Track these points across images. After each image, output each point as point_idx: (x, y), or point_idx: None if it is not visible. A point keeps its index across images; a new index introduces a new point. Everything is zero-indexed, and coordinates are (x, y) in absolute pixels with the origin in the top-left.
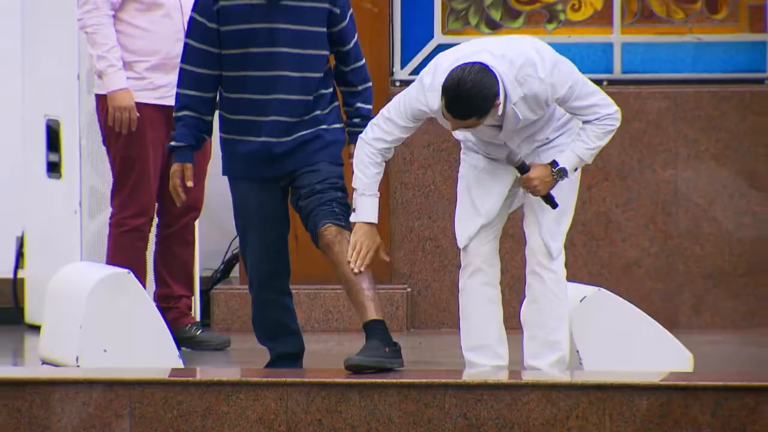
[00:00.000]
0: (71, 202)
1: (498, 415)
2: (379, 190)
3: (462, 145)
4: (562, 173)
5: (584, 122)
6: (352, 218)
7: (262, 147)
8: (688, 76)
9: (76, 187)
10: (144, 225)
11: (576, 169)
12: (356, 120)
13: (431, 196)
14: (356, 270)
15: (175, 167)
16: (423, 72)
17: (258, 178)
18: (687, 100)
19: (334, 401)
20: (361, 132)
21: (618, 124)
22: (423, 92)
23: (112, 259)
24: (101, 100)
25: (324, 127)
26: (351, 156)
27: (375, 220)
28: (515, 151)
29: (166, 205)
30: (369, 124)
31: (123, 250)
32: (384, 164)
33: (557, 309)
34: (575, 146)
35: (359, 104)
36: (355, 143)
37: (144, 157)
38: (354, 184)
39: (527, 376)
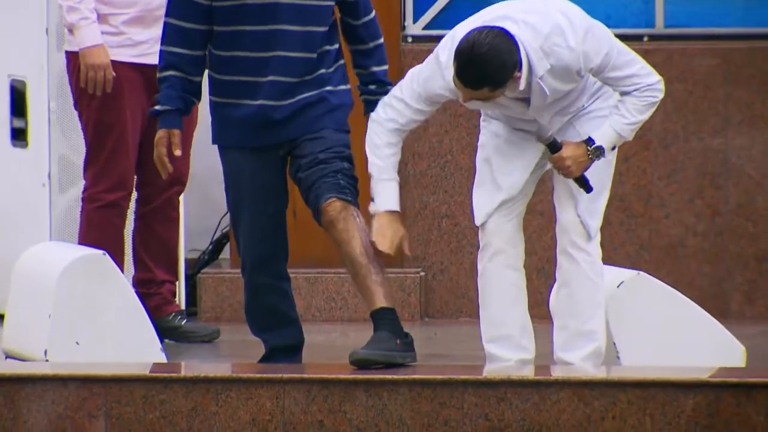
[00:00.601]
0: (39, 174)
1: (524, 416)
2: None
3: (482, 111)
4: (599, 152)
5: (622, 94)
6: (371, 208)
7: (259, 111)
8: (740, 30)
9: (45, 157)
10: (121, 200)
11: (614, 148)
12: (372, 87)
13: (448, 167)
14: (385, 249)
15: (161, 134)
16: (438, 48)
17: (253, 146)
18: (739, 58)
19: (338, 400)
20: (376, 101)
21: (661, 95)
22: (440, 71)
23: (86, 239)
24: (72, 58)
25: (329, 88)
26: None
27: (396, 207)
28: (545, 127)
29: (146, 177)
30: (380, 102)
31: (98, 229)
32: (400, 144)
33: (592, 295)
34: (613, 121)
35: (374, 67)
36: (371, 114)
37: (121, 123)
38: (369, 170)
39: (557, 372)
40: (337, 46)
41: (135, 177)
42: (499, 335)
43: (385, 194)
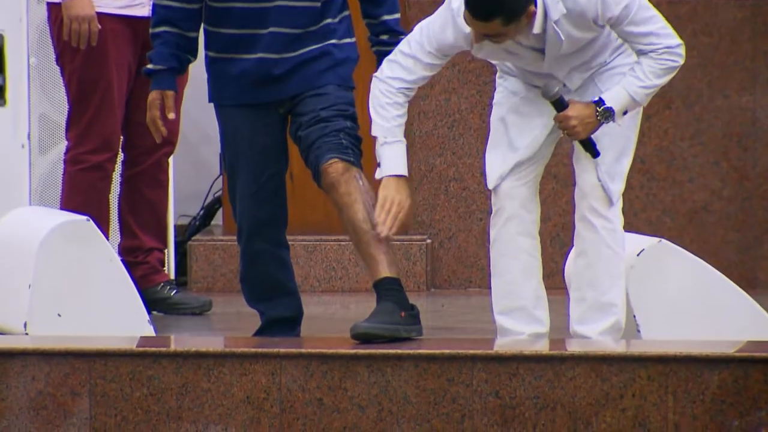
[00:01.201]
0: (18, 134)
1: (537, 394)
2: None
3: (497, 67)
4: (608, 114)
5: (639, 53)
6: (377, 174)
7: (259, 64)
8: None
9: (24, 116)
10: (106, 162)
11: (625, 112)
12: (384, 37)
13: (456, 127)
14: (385, 233)
15: (154, 96)
16: None
17: (252, 103)
18: None
19: (338, 377)
20: (389, 52)
21: (681, 61)
22: (452, 18)
23: (68, 203)
24: (54, 9)
25: (334, 41)
26: None
27: (404, 171)
28: (553, 83)
29: (133, 138)
30: (384, 60)
31: (81, 193)
32: (407, 105)
33: (611, 264)
34: (627, 82)
35: (385, 16)
36: (375, 73)
37: (106, 79)
38: (373, 132)
39: (573, 346)
40: None
41: (121, 137)
42: (512, 307)
43: (392, 158)
